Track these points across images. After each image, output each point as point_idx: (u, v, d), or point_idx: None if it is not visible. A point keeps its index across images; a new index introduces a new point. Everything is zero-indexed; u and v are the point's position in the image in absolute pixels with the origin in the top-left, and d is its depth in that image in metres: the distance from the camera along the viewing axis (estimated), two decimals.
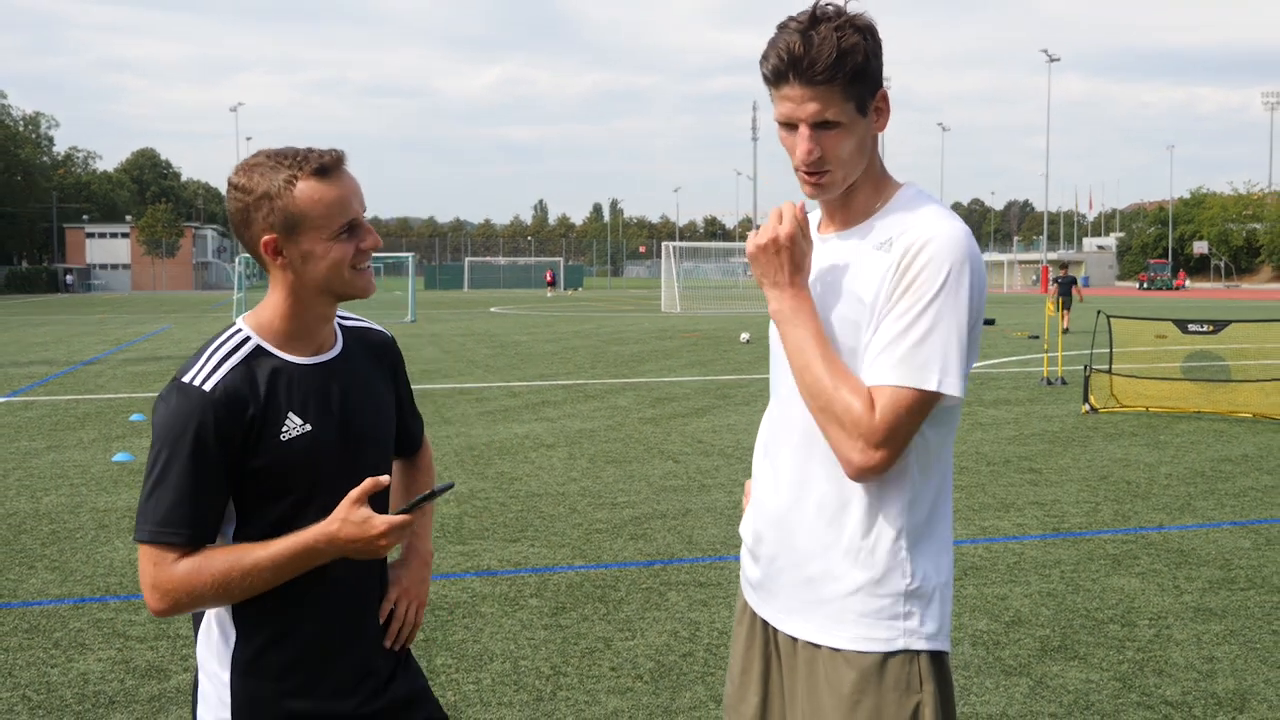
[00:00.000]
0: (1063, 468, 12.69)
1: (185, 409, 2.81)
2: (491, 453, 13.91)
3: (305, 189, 2.85)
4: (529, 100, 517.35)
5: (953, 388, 2.75)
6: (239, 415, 2.82)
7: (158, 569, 2.81)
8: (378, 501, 3.01)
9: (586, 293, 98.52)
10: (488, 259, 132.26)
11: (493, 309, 60.85)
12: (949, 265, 2.75)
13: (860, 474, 2.78)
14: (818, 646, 2.93)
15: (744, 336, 33.78)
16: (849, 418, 2.75)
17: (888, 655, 2.86)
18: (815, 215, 3.12)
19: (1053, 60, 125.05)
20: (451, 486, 3.04)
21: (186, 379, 2.84)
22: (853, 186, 2.93)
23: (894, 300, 2.76)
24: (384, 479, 2.86)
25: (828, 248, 2.98)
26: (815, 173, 2.86)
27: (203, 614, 2.99)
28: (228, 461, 2.82)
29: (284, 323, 2.96)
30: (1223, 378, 18.92)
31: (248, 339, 2.95)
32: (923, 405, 2.75)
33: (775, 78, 2.81)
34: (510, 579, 8.41)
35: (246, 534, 2.90)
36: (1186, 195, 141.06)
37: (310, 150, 2.90)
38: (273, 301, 2.98)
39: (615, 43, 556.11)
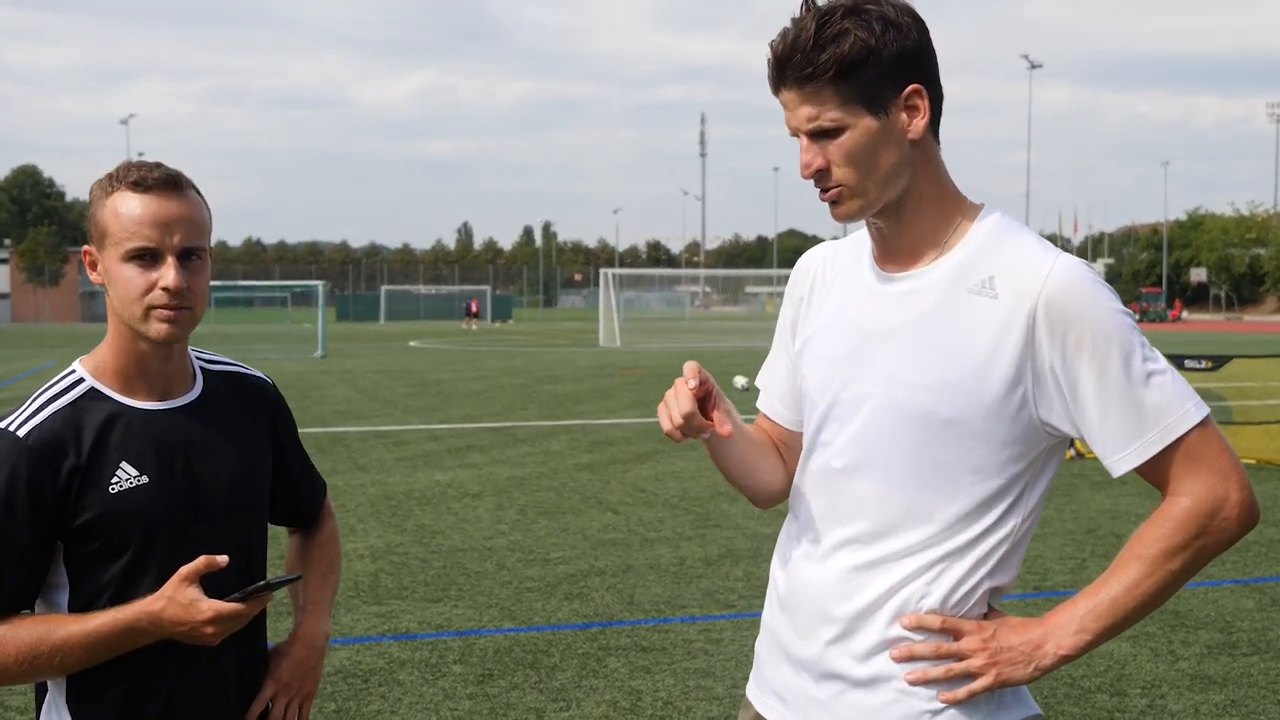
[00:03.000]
0: (1045, 519, 12.71)
1: None
2: (411, 503, 13.87)
3: (114, 200, 2.81)
4: (452, 112, 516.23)
5: (1200, 403, 2.63)
6: (56, 465, 2.77)
7: None
8: (225, 580, 2.84)
9: (516, 325, 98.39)
10: (406, 287, 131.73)
11: (412, 343, 60.65)
12: (1102, 301, 2.60)
13: (1254, 511, 2.64)
14: None
15: (739, 382, 32.76)
16: (1205, 524, 2.62)
17: None
18: (861, 240, 2.92)
19: (1034, 67, 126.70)
20: (298, 578, 2.98)
21: (2, 425, 2.81)
22: (907, 208, 2.73)
23: (1075, 375, 2.59)
24: (220, 559, 2.77)
25: (895, 289, 2.75)
26: (824, 189, 2.68)
27: (45, 694, 2.93)
28: (41, 516, 2.77)
29: (117, 360, 2.90)
30: (1223, 420, 19.07)
31: (80, 381, 2.89)
32: (1210, 430, 2.61)
33: (772, 86, 2.69)
34: (432, 643, 8.39)
35: (79, 601, 2.84)
36: (1183, 217, 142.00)
37: (156, 165, 2.86)
38: (106, 336, 2.93)
39: (549, 47, 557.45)
